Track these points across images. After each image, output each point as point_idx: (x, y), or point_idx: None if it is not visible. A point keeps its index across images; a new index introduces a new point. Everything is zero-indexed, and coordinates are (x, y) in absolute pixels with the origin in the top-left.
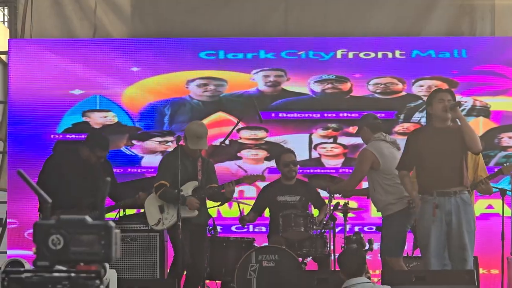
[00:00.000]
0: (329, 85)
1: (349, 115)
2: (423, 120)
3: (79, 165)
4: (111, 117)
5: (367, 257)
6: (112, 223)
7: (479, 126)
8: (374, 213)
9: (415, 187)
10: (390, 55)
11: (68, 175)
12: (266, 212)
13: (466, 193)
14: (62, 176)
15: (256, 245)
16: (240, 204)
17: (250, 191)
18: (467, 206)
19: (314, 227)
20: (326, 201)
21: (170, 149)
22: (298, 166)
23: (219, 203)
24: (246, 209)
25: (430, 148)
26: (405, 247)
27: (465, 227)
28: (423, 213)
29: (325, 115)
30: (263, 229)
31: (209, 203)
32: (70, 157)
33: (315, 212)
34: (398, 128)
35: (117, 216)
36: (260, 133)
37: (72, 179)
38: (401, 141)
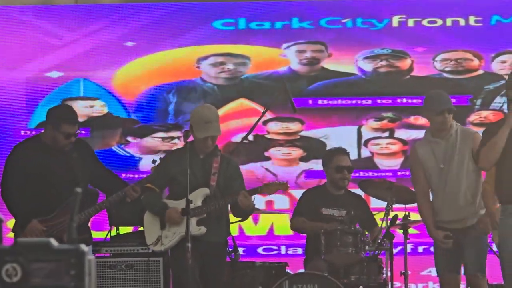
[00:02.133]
0: (383, 63)
1: (409, 101)
2: (506, 107)
3: (45, 155)
4: (99, 107)
5: None
6: (84, 248)
7: None
8: None
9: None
10: (462, 22)
11: (32, 173)
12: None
13: None
14: (27, 177)
15: (289, 271)
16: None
17: (282, 201)
18: None
19: (367, 247)
20: (379, 216)
21: (177, 148)
22: None
23: (239, 218)
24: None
25: (510, 145)
26: None
27: None
28: (509, 228)
29: (379, 101)
30: (299, 251)
31: (231, 218)
32: (29, 148)
33: None
34: (473, 117)
35: (108, 236)
36: (294, 126)
37: (38, 177)
38: None
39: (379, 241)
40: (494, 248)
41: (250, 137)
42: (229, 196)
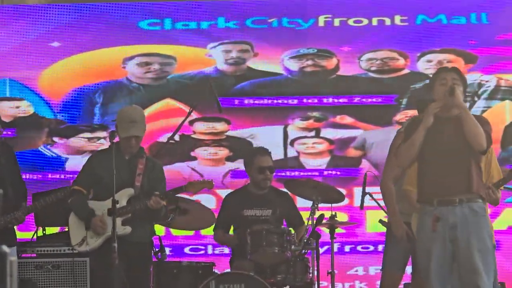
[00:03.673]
0: (309, 62)
1: (335, 100)
2: None
3: None
4: (24, 107)
5: None
6: (5, 249)
7: (505, 112)
8: (371, 228)
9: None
10: (388, 21)
11: None
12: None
13: (480, 201)
14: None
15: (216, 271)
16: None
17: (209, 201)
18: (480, 218)
19: (293, 247)
20: (306, 215)
21: (103, 148)
22: None
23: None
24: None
25: (430, 144)
26: None
27: (476, 245)
28: (422, 227)
29: (305, 101)
30: (226, 251)
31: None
32: None
33: None
34: (399, 116)
35: (35, 236)
36: (220, 126)
37: None
38: None
39: (305, 240)
40: None
41: (176, 137)
42: (141, 202)
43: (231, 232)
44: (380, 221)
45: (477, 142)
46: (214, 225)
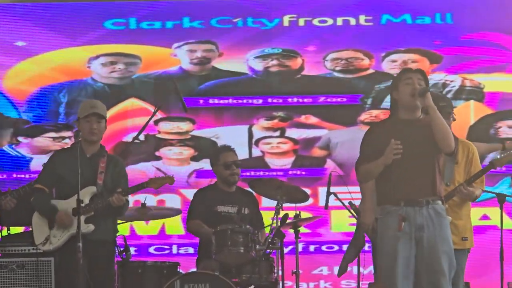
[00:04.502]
0: (274, 62)
1: (300, 100)
2: None
3: None
4: None
5: None
6: None
7: (470, 111)
8: (335, 228)
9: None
10: (353, 21)
11: None
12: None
13: (440, 203)
14: None
15: (181, 271)
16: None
17: (174, 201)
18: (443, 219)
19: (257, 247)
20: (270, 215)
21: (65, 147)
22: None
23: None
24: None
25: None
26: None
27: (441, 246)
28: (386, 227)
29: (269, 100)
30: (191, 250)
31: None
32: None
33: None
34: (364, 116)
35: None
36: (185, 126)
37: None
38: None
39: (270, 239)
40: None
41: (141, 137)
42: (103, 199)
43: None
44: (350, 203)
45: (446, 143)
46: (188, 215)
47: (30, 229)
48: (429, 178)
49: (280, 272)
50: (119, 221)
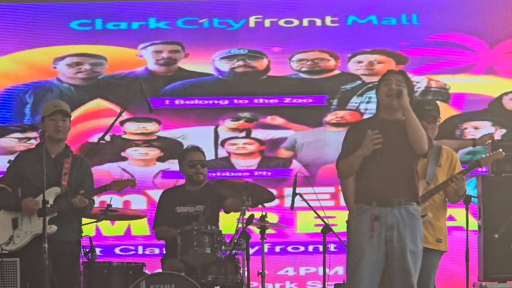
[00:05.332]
0: (240, 63)
1: (266, 101)
2: (363, 106)
3: None
4: None
5: None
6: None
7: None
8: (301, 229)
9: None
10: (318, 22)
11: None
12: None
13: (415, 204)
14: None
15: (147, 271)
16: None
17: (139, 202)
18: (415, 221)
19: (223, 247)
20: (236, 216)
21: (29, 148)
22: None
23: (95, 218)
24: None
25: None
26: None
27: (410, 246)
28: (358, 226)
29: (235, 101)
30: (156, 251)
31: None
32: None
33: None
34: (330, 117)
35: None
36: (151, 126)
37: None
38: (334, 134)
39: (235, 240)
40: None
41: (107, 137)
42: (66, 201)
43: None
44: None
45: (419, 145)
46: (154, 222)
47: None
48: (403, 179)
49: (246, 273)
50: (88, 221)
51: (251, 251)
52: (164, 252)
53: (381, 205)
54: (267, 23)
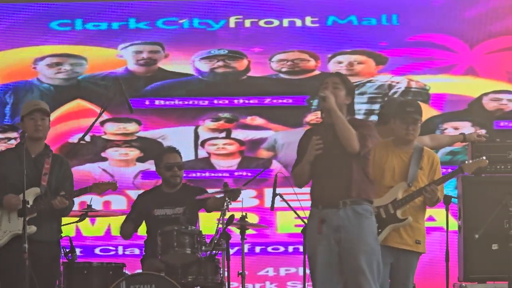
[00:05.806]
0: (220, 63)
1: (246, 101)
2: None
3: None
4: None
5: None
6: None
7: None
8: (281, 229)
9: None
10: (299, 22)
11: None
12: (142, 230)
13: (365, 204)
14: None
15: (127, 272)
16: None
17: (119, 202)
18: (363, 220)
19: (203, 248)
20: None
21: (7, 148)
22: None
23: (77, 218)
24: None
25: (315, 149)
26: None
27: (359, 245)
28: (310, 230)
29: (215, 102)
30: (136, 251)
31: (67, 219)
32: None
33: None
34: (310, 117)
35: None
36: (131, 127)
37: None
38: None
39: (215, 241)
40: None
41: (87, 138)
42: (46, 201)
43: (144, 232)
44: None
45: (349, 144)
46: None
47: None
48: (347, 180)
49: (226, 273)
50: (69, 221)
51: (231, 251)
52: (144, 253)
53: (327, 207)
54: (247, 23)
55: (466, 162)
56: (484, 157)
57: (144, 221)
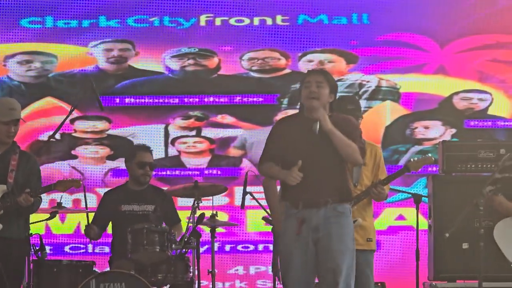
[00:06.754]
0: (191, 61)
1: (216, 100)
2: None
3: None
4: None
5: None
6: None
7: (386, 112)
8: (250, 228)
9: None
10: (269, 21)
11: None
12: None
13: (345, 203)
14: None
15: (97, 270)
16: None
17: (89, 200)
18: (342, 219)
19: (173, 246)
20: (186, 214)
21: None
22: None
23: (48, 216)
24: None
25: (295, 143)
26: None
27: (336, 244)
28: (285, 230)
29: (186, 100)
30: (106, 249)
31: (36, 217)
32: None
33: None
34: (281, 116)
35: None
36: (101, 125)
37: None
38: None
39: (186, 239)
40: None
41: (57, 136)
42: (11, 199)
43: (109, 230)
44: (263, 218)
45: (352, 159)
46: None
47: None
48: (329, 179)
49: (196, 272)
50: (40, 218)
51: (201, 249)
52: (111, 252)
53: (307, 207)
54: (218, 21)
55: (412, 160)
56: (430, 154)
57: (110, 220)
